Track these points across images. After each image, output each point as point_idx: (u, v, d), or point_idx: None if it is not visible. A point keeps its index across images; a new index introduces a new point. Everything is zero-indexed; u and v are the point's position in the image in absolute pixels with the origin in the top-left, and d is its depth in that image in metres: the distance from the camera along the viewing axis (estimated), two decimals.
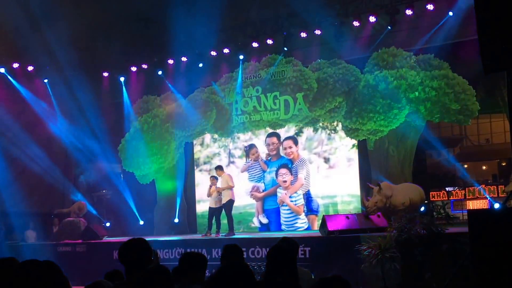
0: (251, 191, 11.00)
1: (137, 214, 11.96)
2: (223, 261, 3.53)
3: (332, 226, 7.60)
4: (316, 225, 9.76)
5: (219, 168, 9.68)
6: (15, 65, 11.79)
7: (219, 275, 2.09)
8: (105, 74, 12.38)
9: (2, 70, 11.80)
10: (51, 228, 11.31)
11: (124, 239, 2.95)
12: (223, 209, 9.36)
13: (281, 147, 10.91)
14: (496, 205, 8.61)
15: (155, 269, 2.56)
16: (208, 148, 12.04)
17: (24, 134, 11.65)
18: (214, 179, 9.41)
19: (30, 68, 11.95)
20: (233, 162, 11.55)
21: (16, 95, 12.01)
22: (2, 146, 11.69)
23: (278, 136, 11.03)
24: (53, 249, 9.90)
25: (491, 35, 4.90)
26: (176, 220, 11.79)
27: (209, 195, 9.40)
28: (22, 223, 11.46)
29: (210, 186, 9.38)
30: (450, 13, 8.92)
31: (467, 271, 5.26)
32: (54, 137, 12.24)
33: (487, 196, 9.54)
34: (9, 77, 11.87)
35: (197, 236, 9.99)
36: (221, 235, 9.14)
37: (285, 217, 10.56)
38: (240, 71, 11.10)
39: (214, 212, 9.38)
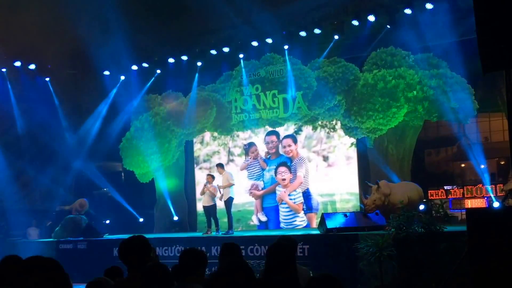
0: (250, 189, 11.04)
1: (134, 213, 11.97)
2: (222, 259, 3.55)
3: (330, 224, 7.64)
4: (315, 223, 9.80)
5: (220, 165, 9.67)
6: (17, 64, 11.76)
7: (220, 273, 2.11)
8: (106, 72, 12.39)
9: (4, 70, 11.77)
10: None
11: (125, 236, 2.98)
12: (225, 207, 9.38)
13: (280, 146, 10.94)
14: (496, 204, 8.64)
15: (155, 267, 2.59)
16: (208, 146, 12.07)
17: (26, 132, 11.66)
18: (210, 177, 9.40)
19: (32, 66, 11.94)
20: (232, 160, 11.59)
21: (20, 94, 12.02)
22: (4, 144, 11.71)
23: (277, 134, 11.06)
24: (54, 246, 9.92)
25: (490, 35, 4.92)
26: (176, 218, 11.83)
27: (203, 193, 9.38)
28: (24, 220, 11.49)
29: (205, 185, 9.33)
30: (449, 11, 8.93)
31: (465, 270, 5.30)
32: (55, 136, 12.24)
33: (492, 196, 9.52)
34: (7, 80, 11.86)
35: (197, 234, 10.02)
36: (220, 233, 9.17)
37: (284, 215, 10.60)
38: (242, 70, 11.12)
39: (208, 210, 9.39)
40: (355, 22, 9.74)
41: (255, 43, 10.85)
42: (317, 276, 2.04)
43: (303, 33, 10.29)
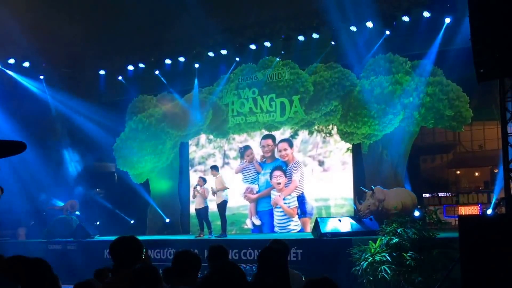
0: (245, 193, 11.01)
1: (123, 215, 11.89)
2: (210, 262, 3.55)
3: (324, 228, 7.63)
4: (309, 227, 9.79)
5: (214, 168, 9.66)
6: (11, 61, 11.69)
7: (211, 277, 2.10)
8: (102, 72, 12.34)
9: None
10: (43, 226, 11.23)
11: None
12: (218, 210, 9.35)
13: (276, 149, 10.94)
14: (489, 211, 8.68)
15: (143, 269, 2.57)
16: (203, 148, 12.04)
17: (19, 130, 11.56)
18: (201, 180, 9.38)
19: (26, 64, 11.87)
20: (227, 163, 11.56)
21: (12, 92, 11.92)
22: None
23: (273, 138, 11.06)
24: (43, 247, 9.82)
25: (485, 45, 4.98)
26: (167, 220, 11.77)
27: (194, 196, 9.35)
28: (13, 220, 11.37)
29: (195, 187, 9.31)
30: (447, 20, 9.01)
31: (457, 276, 5.31)
32: (49, 134, 12.17)
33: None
34: (8, 71, 11.75)
35: (189, 237, 9.97)
36: (214, 236, 9.14)
37: (278, 219, 10.58)
38: (229, 71, 11.16)
39: (200, 213, 9.36)
40: (353, 28, 9.79)
41: (253, 47, 10.88)
42: (315, 278, 2.03)
43: (301, 38, 10.34)
